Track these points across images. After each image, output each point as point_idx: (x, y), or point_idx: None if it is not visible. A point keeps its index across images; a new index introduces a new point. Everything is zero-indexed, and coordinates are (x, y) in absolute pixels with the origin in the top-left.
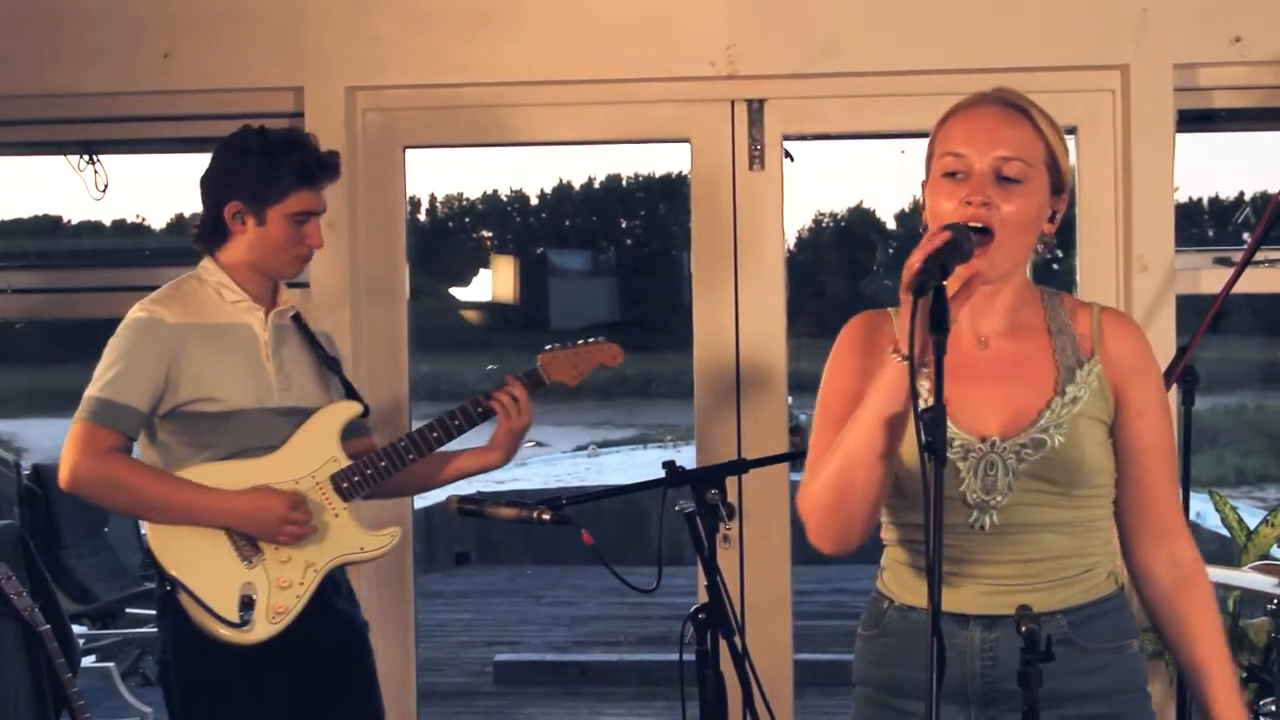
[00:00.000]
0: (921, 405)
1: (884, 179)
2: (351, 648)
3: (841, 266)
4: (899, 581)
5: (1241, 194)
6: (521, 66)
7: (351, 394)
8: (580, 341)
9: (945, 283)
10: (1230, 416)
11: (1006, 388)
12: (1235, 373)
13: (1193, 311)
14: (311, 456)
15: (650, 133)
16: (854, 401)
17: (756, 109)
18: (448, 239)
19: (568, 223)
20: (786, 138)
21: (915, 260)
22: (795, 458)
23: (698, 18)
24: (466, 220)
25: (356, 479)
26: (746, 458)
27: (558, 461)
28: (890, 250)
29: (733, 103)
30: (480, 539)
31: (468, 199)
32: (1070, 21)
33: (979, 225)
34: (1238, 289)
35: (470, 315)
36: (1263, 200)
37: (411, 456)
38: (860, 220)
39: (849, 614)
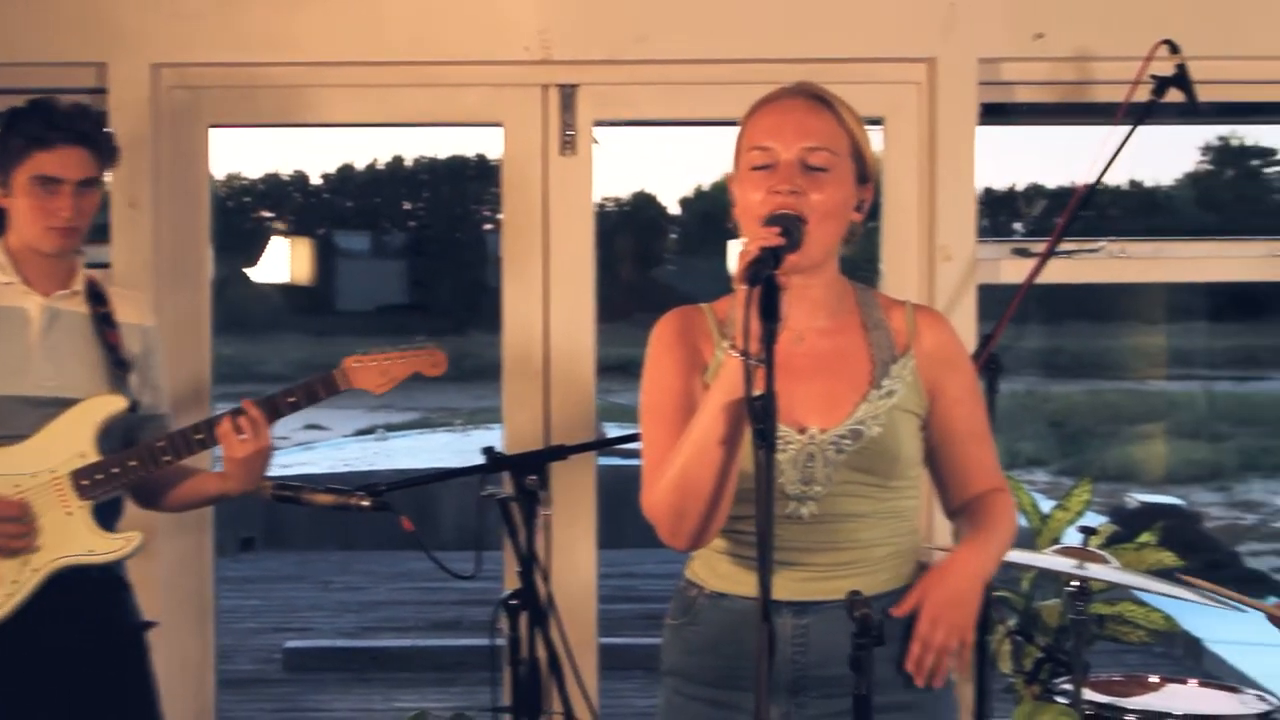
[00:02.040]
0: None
1: (667, 165)
2: (120, 654)
3: (630, 253)
4: (711, 569)
5: (1038, 186)
6: (333, 47)
7: (123, 390)
8: (400, 349)
9: (777, 272)
10: (1007, 401)
11: (824, 381)
12: (1015, 359)
13: (992, 300)
14: (58, 450)
15: (462, 116)
16: (680, 398)
17: (569, 94)
18: (225, 219)
19: (350, 204)
20: (598, 124)
21: (751, 250)
22: (619, 442)
23: (512, 3)
24: (246, 200)
25: (99, 477)
26: (557, 444)
27: (344, 446)
28: (673, 236)
29: (545, 88)
30: (267, 524)
31: (246, 178)
32: (878, 14)
33: (792, 214)
34: (1038, 279)
35: (256, 295)
36: (1036, 192)
37: (167, 458)
38: (645, 206)
39: (638, 598)
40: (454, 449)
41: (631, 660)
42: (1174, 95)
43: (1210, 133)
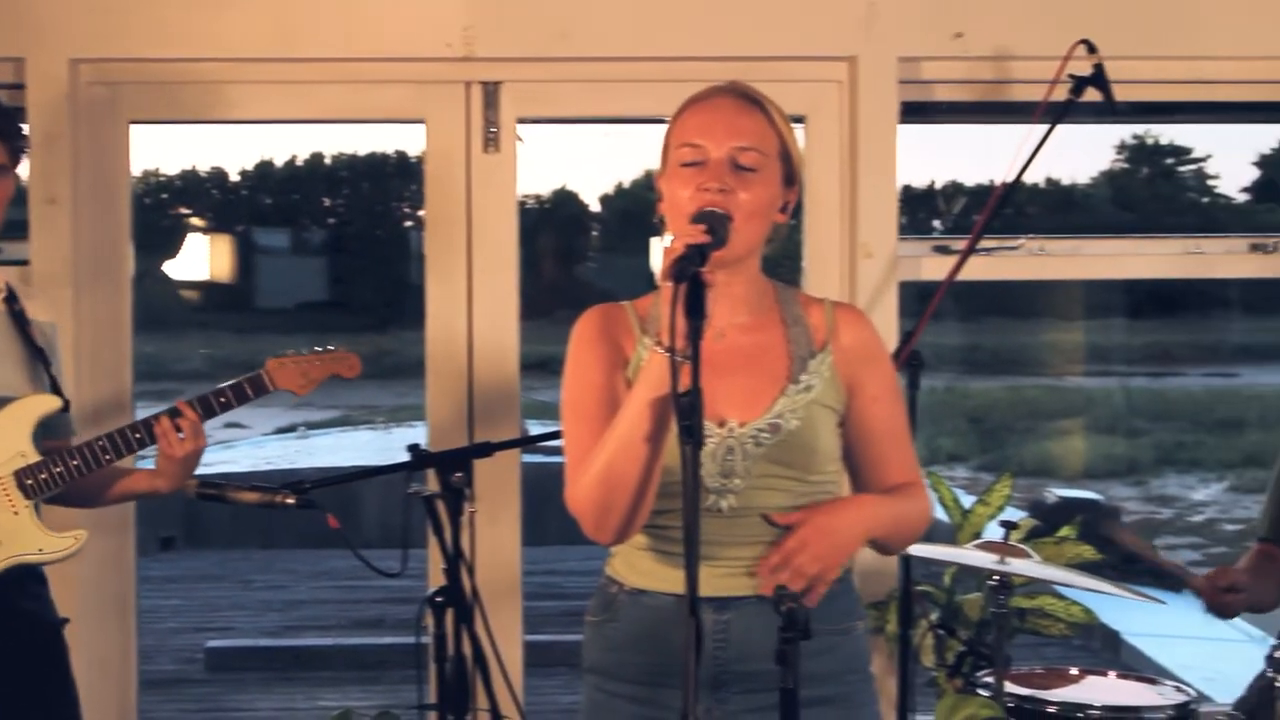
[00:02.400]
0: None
1: (588, 163)
2: (42, 649)
3: (552, 250)
4: (631, 566)
5: (957, 184)
6: (254, 43)
7: (56, 390)
8: (317, 350)
9: (703, 269)
10: (928, 398)
11: (744, 377)
12: (936, 356)
13: (913, 297)
14: None
15: (385, 113)
16: (602, 394)
17: (492, 91)
18: (143, 215)
19: (269, 201)
20: (522, 121)
21: (677, 246)
22: (544, 439)
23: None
24: (164, 197)
25: (44, 476)
26: (482, 440)
27: (265, 444)
28: (594, 233)
29: (468, 84)
30: (187, 523)
31: (164, 175)
32: (801, 13)
33: (719, 211)
34: (958, 276)
35: (175, 293)
36: (955, 190)
37: (109, 457)
38: (566, 203)
39: (562, 595)
40: (376, 447)
41: (555, 657)
42: (1091, 94)
43: (1126, 132)
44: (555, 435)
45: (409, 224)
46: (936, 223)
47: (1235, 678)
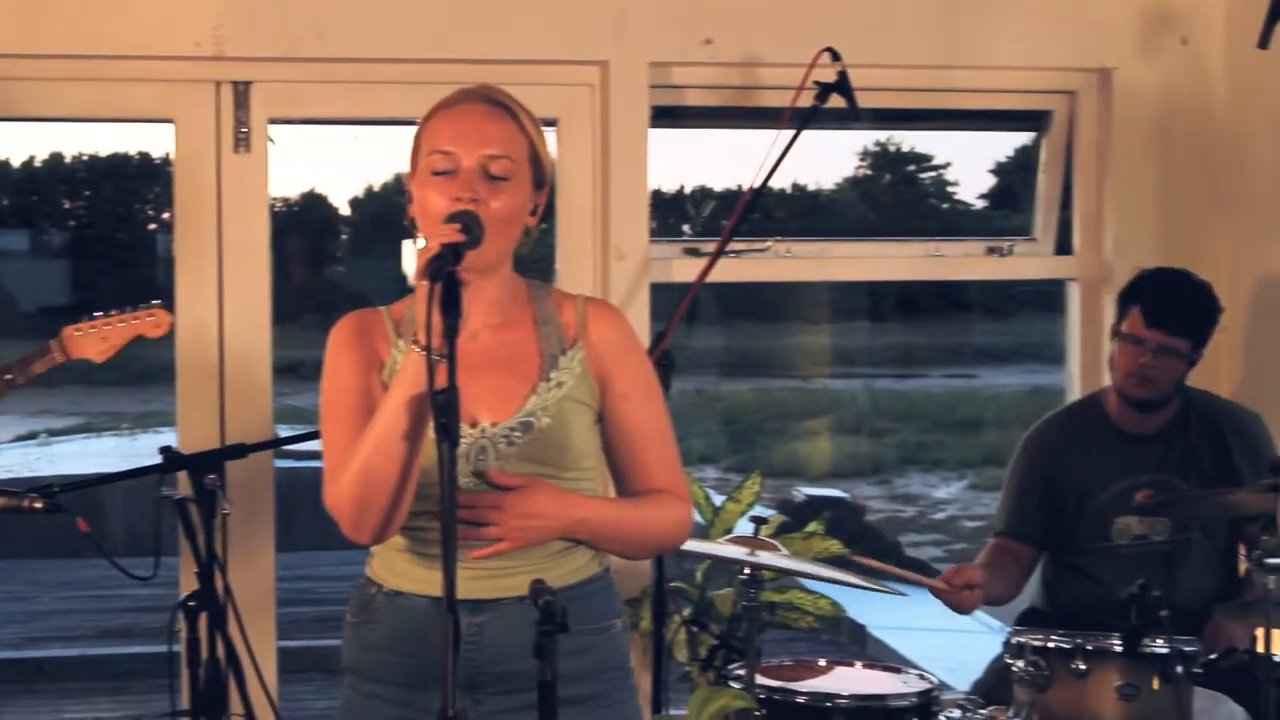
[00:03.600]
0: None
1: (336, 165)
2: None
3: (301, 254)
4: (389, 567)
5: (706, 188)
6: None
7: None
8: (119, 311)
9: (457, 269)
10: (678, 400)
11: (496, 377)
12: (686, 358)
13: (666, 299)
14: None
15: (133, 112)
16: (359, 397)
17: (243, 91)
18: None
19: (6, 202)
20: (273, 121)
21: (433, 245)
22: (300, 440)
23: None
24: None
25: None
26: (234, 443)
27: (4, 452)
28: (343, 237)
29: (218, 84)
30: None
31: None
32: (552, 17)
33: (472, 211)
34: (708, 278)
35: None
36: (704, 194)
37: None
38: (315, 206)
39: (314, 600)
40: (120, 453)
41: (309, 662)
42: (836, 101)
43: (869, 139)
44: (310, 437)
45: (153, 226)
46: (685, 227)
47: (976, 667)
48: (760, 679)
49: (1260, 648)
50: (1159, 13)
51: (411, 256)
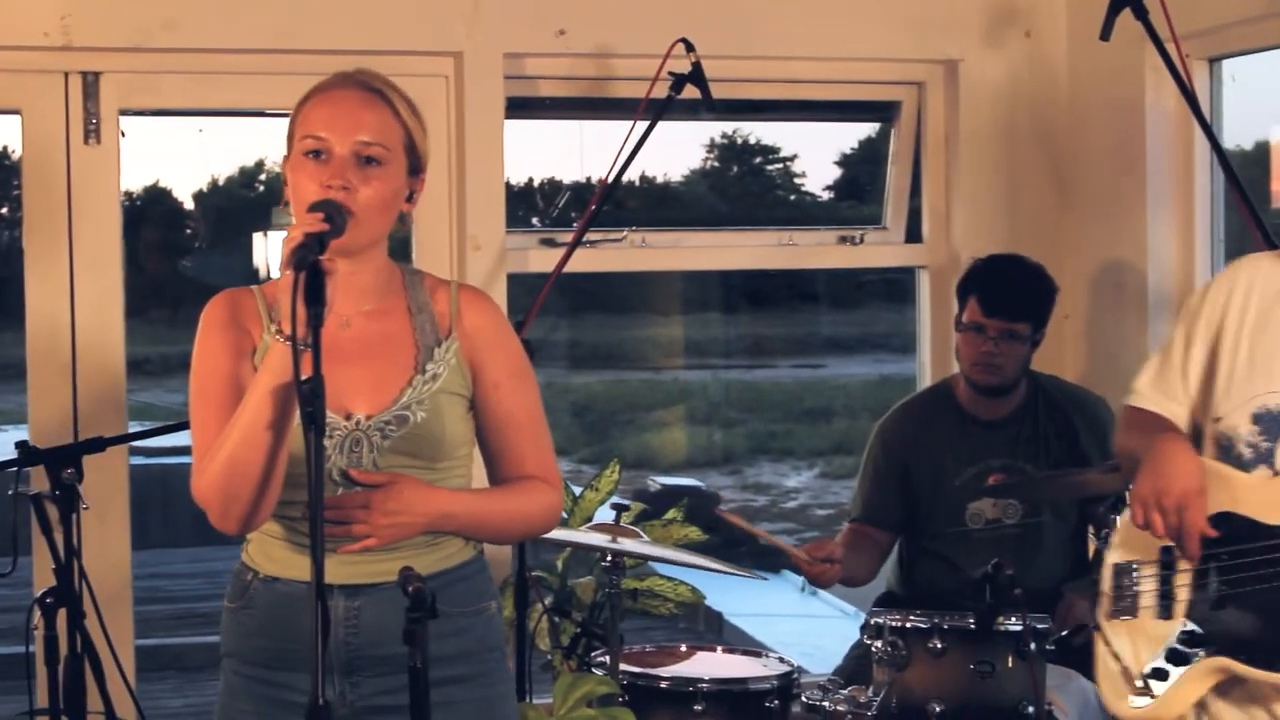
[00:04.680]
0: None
1: (181, 158)
2: None
3: (147, 248)
4: (265, 554)
5: (557, 180)
6: None
7: None
8: None
9: (322, 258)
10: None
11: (370, 367)
12: (539, 351)
13: (523, 290)
14: None
15: None
16: (229, 380)
17: (92, 82)
18: None
19: None
20: (124, 112)
21: (295, 235)
22: (162, 432)
23: None
24: None
25: None
26: (89, 437)
27: None
28: (189, 230)
29: (67, 75)
30: None
31: None
32: (406, 7)
33: (336, 200)
34: (565, 269)
35: None
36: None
37: None
38: (160, 199)
39: (168, 598)
40: None
41: (164, 660)
42: (691, 92)
43: (716, 130)
44: (171, 429)
45: None
46: (535, 219)
47: (831, 650)
48: (623, 665)
49: None
50: (1003, 6)
51: (263, 249)
